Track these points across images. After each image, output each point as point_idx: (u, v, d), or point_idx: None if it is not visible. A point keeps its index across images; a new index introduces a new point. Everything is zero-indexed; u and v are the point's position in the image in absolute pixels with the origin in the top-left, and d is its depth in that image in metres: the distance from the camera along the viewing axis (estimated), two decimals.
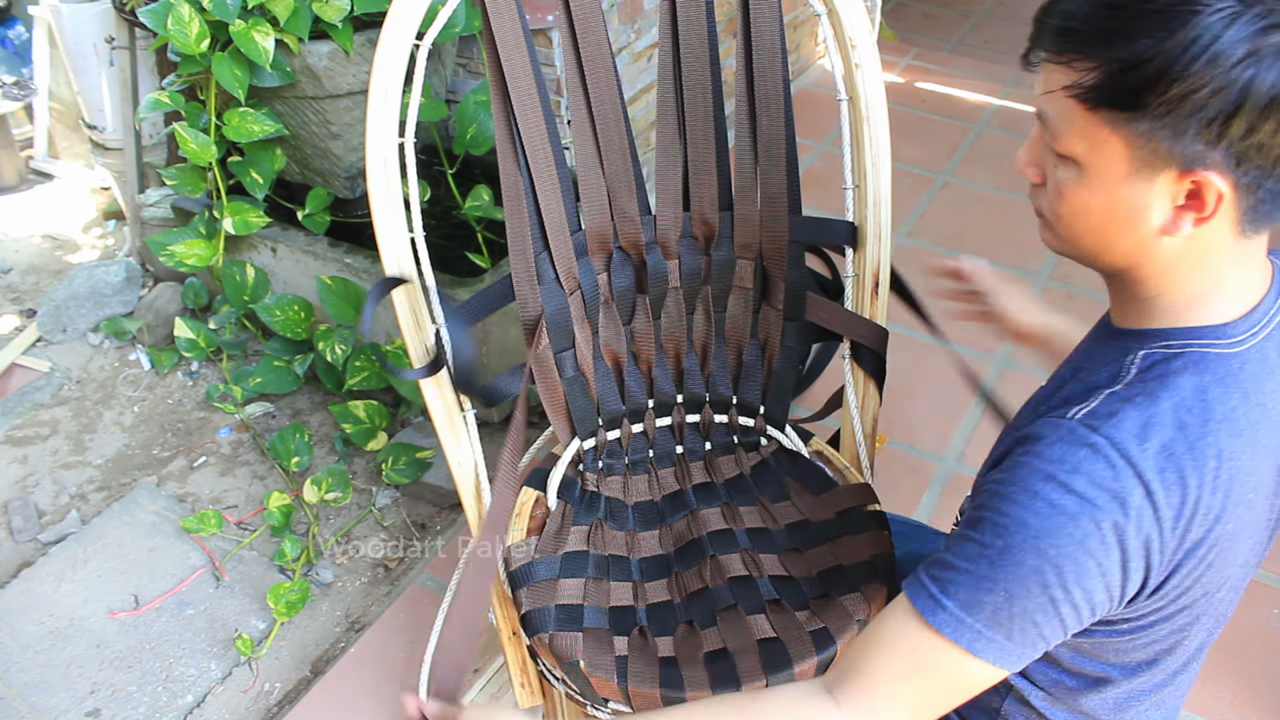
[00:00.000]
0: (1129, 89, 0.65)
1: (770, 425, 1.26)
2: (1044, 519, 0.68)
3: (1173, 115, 0.64)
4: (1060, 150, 0.71)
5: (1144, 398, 0.70)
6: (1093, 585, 0.69)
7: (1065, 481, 0.68)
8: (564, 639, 1.00)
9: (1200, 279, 0.72)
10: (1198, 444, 0.69)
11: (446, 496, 1.87)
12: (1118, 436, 0.69)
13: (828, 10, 1.13)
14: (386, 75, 1.01)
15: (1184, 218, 0.68)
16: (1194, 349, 0.72)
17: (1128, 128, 0.67)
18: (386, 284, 1.07)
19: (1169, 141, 0.66)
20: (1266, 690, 1.54)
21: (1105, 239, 0.73)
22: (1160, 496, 0.68)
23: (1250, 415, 0.71)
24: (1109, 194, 0.70)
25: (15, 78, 2.79)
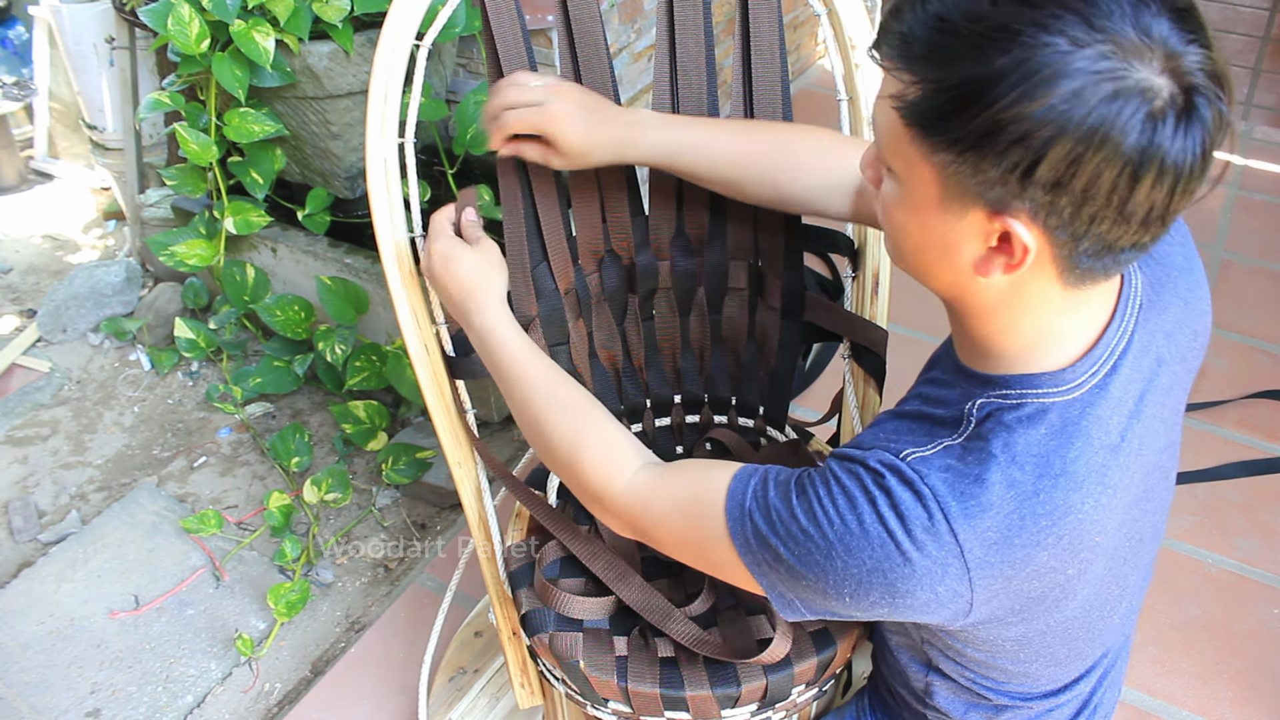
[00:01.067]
0: (936, 113, 0.60)
1: (770, 425, 1.26)
2: (848, 533, 0.68)
3: (975, 151, 0.59)
4: (886, 162, 0.67)
5: (976, 454, 0.68)
6: (872, 607, 0.70)
7: (881, 512, 0.67)
8: (564, 639, 1.00)
9: (1029, 326, 0.69)
10: (1027, 503, 0.67)
11: (446, 496, 1.87)
12: (943, 495, 0.67)
13: (827, 10, 1.13)
14: (386, 75, 1.01)
15: (995, 261, 0.64)
16: (1030, 400, 0.69)
17: (934, 156, 0.61)
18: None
19: (970, 178, 0.60)
20: (1266, 690, 1.54)
21: (924, 263, 0.69)
22: (974, 557, 0.67)
23: (1094, 460, 0.69)
24: (921, 219, 0.66)
25: (15, 78, 2.79)
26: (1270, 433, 1.98)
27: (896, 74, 0.62)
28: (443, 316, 1.11)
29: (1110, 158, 0.56)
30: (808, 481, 0.72)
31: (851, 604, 0.70)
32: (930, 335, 2.09)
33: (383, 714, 1.52)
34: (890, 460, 0.69)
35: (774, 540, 0.72)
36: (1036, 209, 0.60)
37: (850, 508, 0.69)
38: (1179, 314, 0.77)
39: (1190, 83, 0.56)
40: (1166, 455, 0.79)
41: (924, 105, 0.60)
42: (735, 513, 0.75)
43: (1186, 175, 0.58)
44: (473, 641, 1.53)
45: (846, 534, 0.68)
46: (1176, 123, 0.56)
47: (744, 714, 0.99)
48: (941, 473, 0.68)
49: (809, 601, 0.73)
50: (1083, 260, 0.63)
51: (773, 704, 0.99)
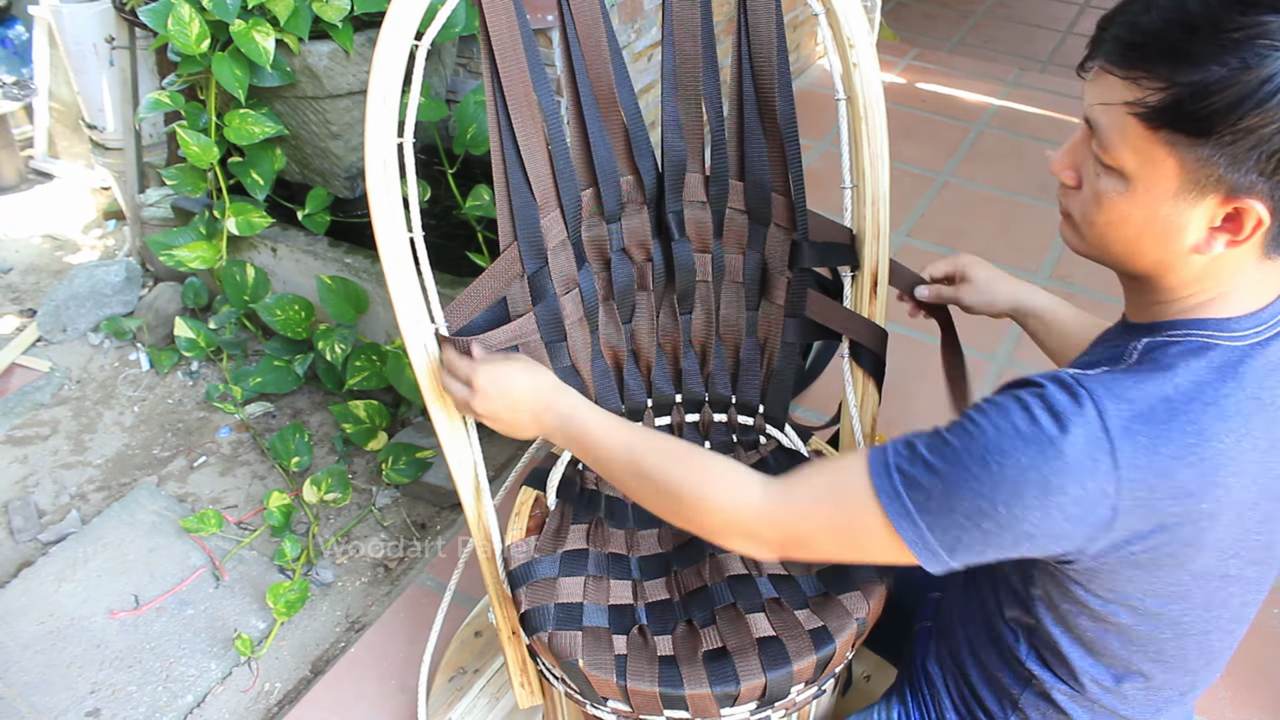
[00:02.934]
0: (1197, 115, 0.66)
1: (769, 424, 1.26)
2: (1001, 435, 0.71)
3: (1236, 145, 0.66)
4: (1108, 161, 0.72)
5: (1135, 373, 0.72)
6: (1025, 513, 0.70)
7: (1034, 411, 0.70)
8: (563, 638, 1.00)
9: (1217, 288, 0.74)
10: (1178, 417, 0.70)
11: (446, 496, 1.87)
12: (1099, 391, 0.70)
13: (825, 10, 1.14)
14: (386, 75, 1.01)
15: (1217, 239, 0.70)
16: (1195, 338, 0.74)
17: (1187, 151, 0.68)
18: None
19: (1225, 169, 0.67)
20: (1266, 690, 1.54)
21: (1136, 249, 0.75)
22: (1124, 455, 0.69)
23: (1243, 405, 0.72)
24: (1150, 209, 0.72)
25: (15, 78, 2.79)
26: None
27: (1133, 81, 0.68)
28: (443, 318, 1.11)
29: None
30: (954, 422, 0.75)
31: (1006, 515, 0.71)
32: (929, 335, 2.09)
33: (383, 714, 1.52)
34: (1054, 375, 0.73)
35: (923, 474, 0.74)
36: (1275, 188, 0.67)
37: (1004, 415, 0.71)
38: None
39: None
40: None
41: (1177, 108, 0.67)
42: (880, 471, 0.76)
43: None
44: (473, 641, 1.53)
45: (1000, 436, 0.71)
46: None
47: (743, 712, 0.99)
48: (1098, 379, 0.71)
49: (961, 532, 0.73)
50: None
51: (771, 702, 0.99)
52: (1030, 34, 3.70)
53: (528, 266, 1.14)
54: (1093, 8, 3.89)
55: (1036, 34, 3.70)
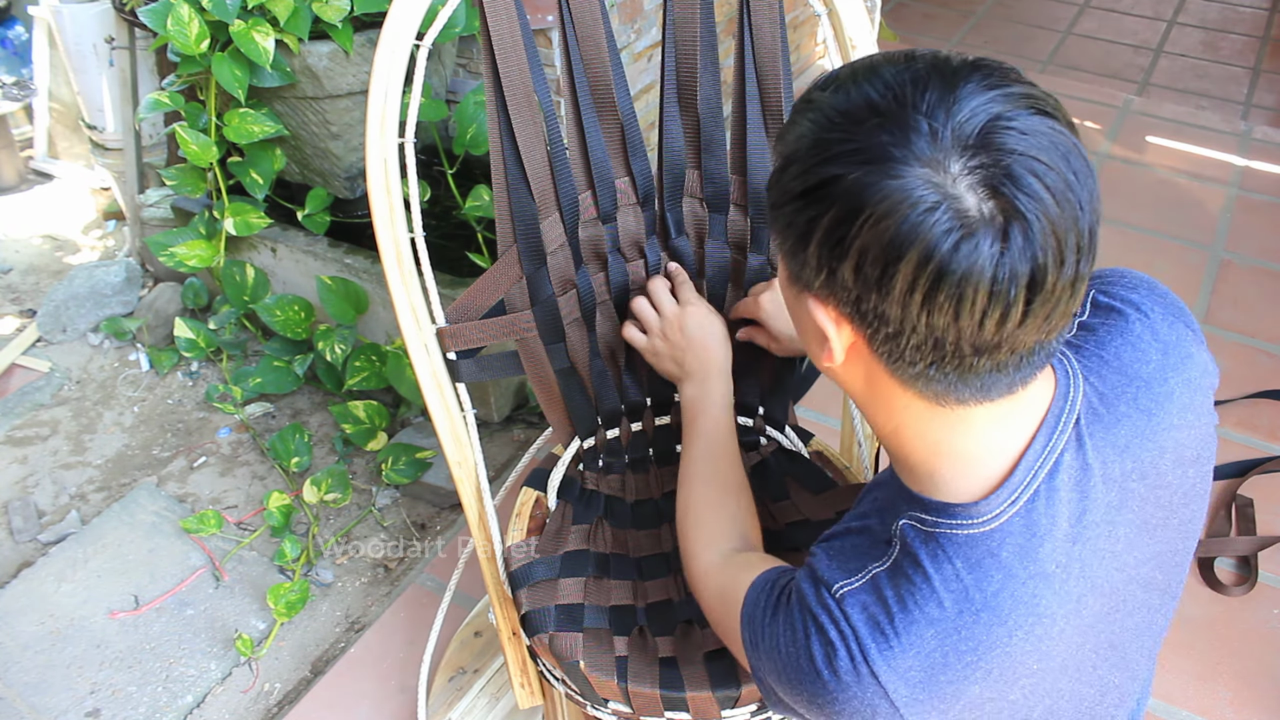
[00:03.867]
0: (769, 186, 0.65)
1: (770, 425, 1.26)
2: (786, 659, 0.72)
3: (779, 231, 0.63)
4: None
5: (899, 587, 0.67)
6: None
7: (810, 647, 0.70)
8: (564, 639, 1.00)
9: (918, 445, 0.68)
10: (949, 639, 0.66)
11: (446, 496, 1.87)
12: (866, 639, 0.67)
13: (828, 10, 1.13)
14: (386, 75, 1.01)
15: (829, 346, 0.65)
16: (944, 530, 0.67)
17: (776, 242, 0.67)
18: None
19: (789, 258, 0.64)
20: (1266, 690, 1.54)
21: (808, 348, 0.71)
22: (903, 697, 0.66)
23: (1019, 592, 0.66)
24: (788, 300, 0.70)
25: (15, 78, 2.79)
26: (1270, 433, 1.98)
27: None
28: (442, 317, 1.11)
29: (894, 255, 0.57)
30: (784, 599, 0.76)
31: (807, 714, 0.74)
32: None
33: (382, 714, 1.51)
34: (823, 598, 0.70)
35: (757, 651, 0.77)
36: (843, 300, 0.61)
37: (790, 641, 0.72)
38: (1137, 428, 0.70)
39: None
40: (1152, 566, 0.74)
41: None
42: (745, 618, 0.79)
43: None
44: (473, 641, 1.53)
45: (788, 666, 0.72)
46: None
47: (744, 714, 0.99)
48: (862, 612, 0.68)
49: (791, 709, 0.76)
50: (930, 373, 0.61)
51: None
52: (1030, 34, 3.70)
53: (526, 268, 1.14)
54: (1093, 8, 3.89)
55: (1036, 34, 3.70)
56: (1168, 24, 3.76)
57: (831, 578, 0.71)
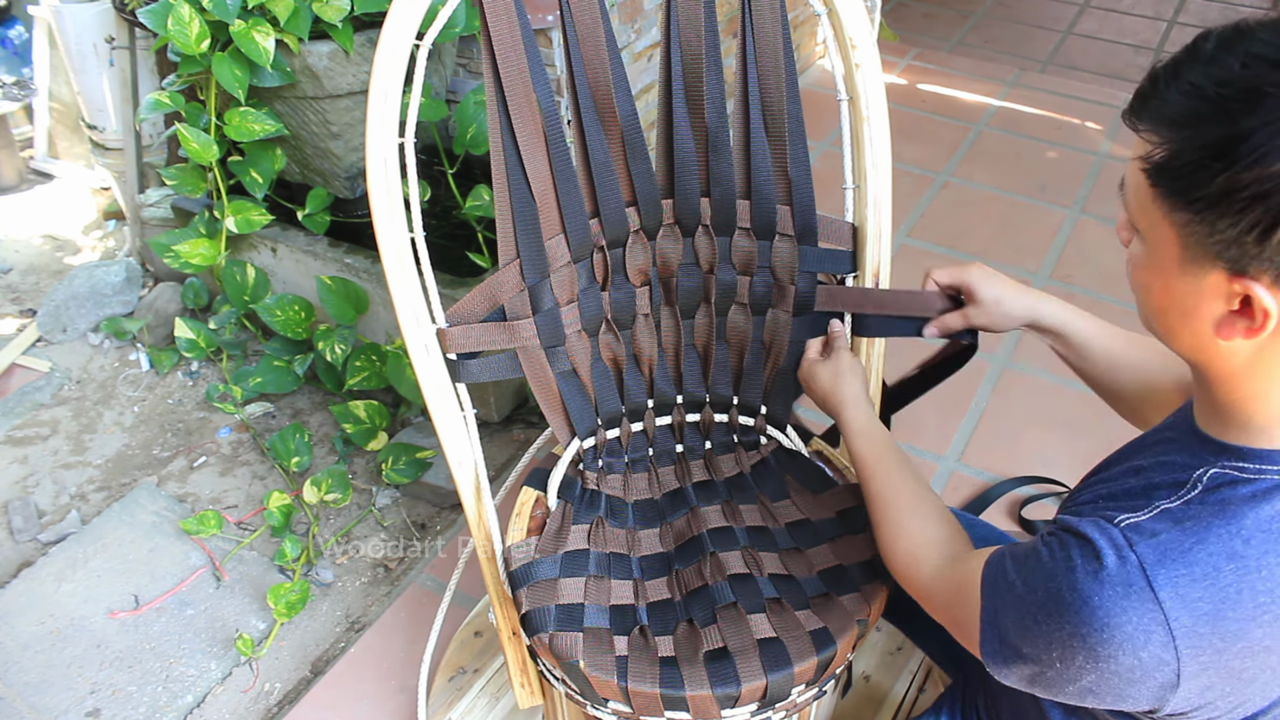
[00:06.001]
0: (1178, 172, 0.62)
1: (771, 424, 1.26)
2: (1050, 596, 0.70)
3: (1212, 210, 0.61)
4: (1134, 223, 0.69)
5: (1196, 522, 0.67)
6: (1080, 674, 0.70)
7: (1079, 576, 0.68)
8: (564, 639, 1.00)
9: (1275, 396, 0.67)
10: (1248, 578, 0.66)
11: (446, 496, 1.87)
12: (1150, 558, 0.66)
13: (828, 10, 1.13)
14: (386, 75, 1.01)
15: (1236, 325, 0.64)
16: (1269, 475, 0.68)
17: (1174, 215, 0.64)
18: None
19: (1207, 238, 0.62)
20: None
21: (1167, 324, 0.70)
22: (1181, 625, 0.66)
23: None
24: (1164, 279, 0.67)
25: (15, 78, 2.79)
26: None
27: (1147, 137, 0.64)
28: (442, 317, 1.11)
29: None
30: (1031, 551, 0.74)
31: (1061, 670, 0.70)
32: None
33: (383, 714, 1.51)
34: (1102, 526, 0.70)
35: (1003, 610, 0.75)
36: (1276, 272, 0.60)
37: (1051, 575, 0.70)
38: None
39: None
40: None
41: (1168, 165, 0.63)
42: (986, 592, 0.78)
43: None
44: (473, 641, 1.53)
45: (1049, 600, 0.69)
46: None
47: (744, 714, 0.99)
48: (1150, 539, 0.67)
49: (1025, 671, 0.74)
50: None
51: (772, 704, 0.99)
52: (1030, 34, 3.70)
53: (528, 278, 1.14)
54: (1093, 8, 3.89)
55: (1036, 34, 3.70)
56: (1168, 24, 3.76)
57: (1111, 514, 0.70)
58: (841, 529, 1.12)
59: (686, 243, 1.24)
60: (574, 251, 1.18)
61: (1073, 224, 2.56)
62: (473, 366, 1.12)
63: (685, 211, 1.23)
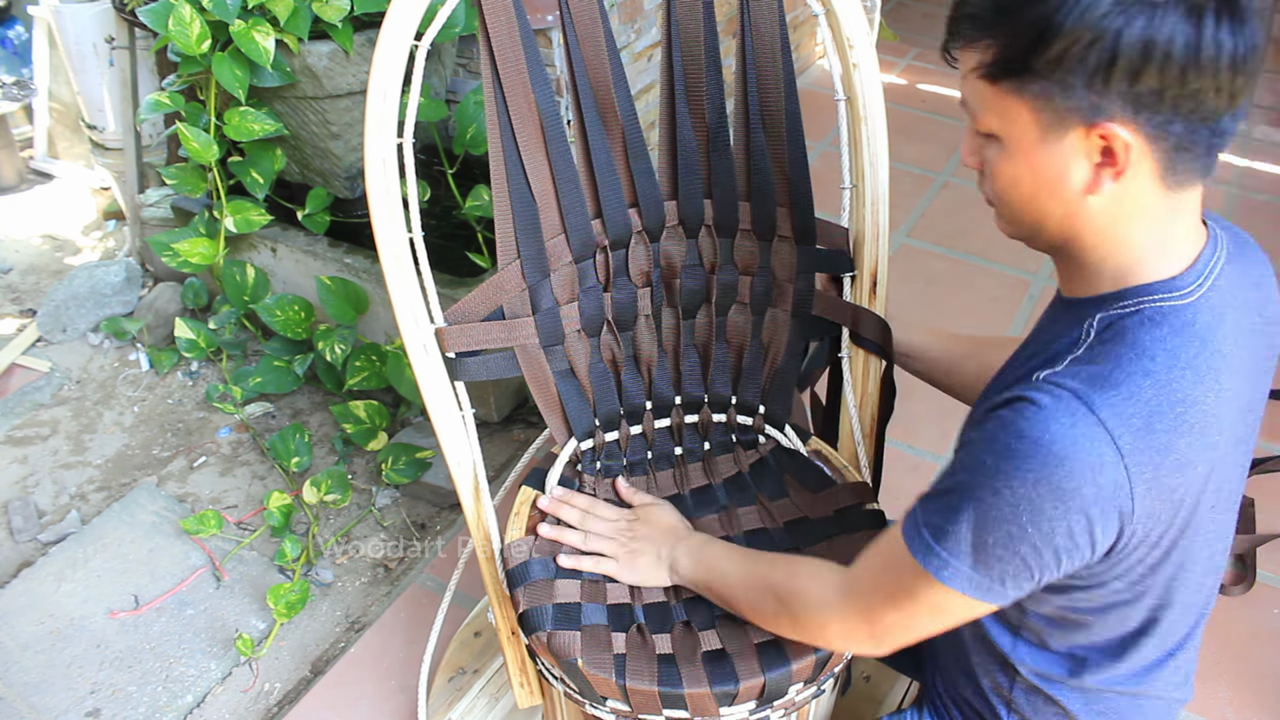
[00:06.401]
0: (1017, 55, 0.69)
1: (769, 424, 1.26)
2: (1000, 458, 0.71)
3: (1059, 71, 0.67)
4: (981, 129, 0.75)
5: (1105, 355, 0.73)
6: (1053, 526, 0.71)
7: (1023, 425, 0.70)
8: (562, 638, 1.00)
9: (1139, 237, 0.74)
10: (1162, 391, 0.71)
11: (446, 496, 1.87)
12: (1080, 388, 0.71)
13: (825, 10, 1.14)
14: (386, 75, 1.01)
15: (1103, 175, 0.70)
16: (1147, 305, 0.74)
17: (1025, 92, 0.70)
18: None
19: (1062, 98, 0.68)
20: (1266, 690, 1.54)
21: (1038, 207, 0.75)
22: (1124, 441, 0.69)
23: (1210, 361, 0.73)
24: (1029, 161, 0.73)
25: (15, 78, 2.79)
26: (1270, 433, 1.98)
27: (972, 48, 0.72)
28: (442, 317, 1.11)
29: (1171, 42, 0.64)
30: (952, 466, 0.77)
31: (1035, 534, 0.71)
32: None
33: (382, 714, 1.52)
34: (1021, 389, 0.73)
35: (946, 521, 0.75)
36: (1124, 106, 0.67)
37: (998, 436, 0.72)
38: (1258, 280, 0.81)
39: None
40: (1247, 421, 0.81)
41: (1004, 56, 0.70)
42: (911, 533, 0.78)
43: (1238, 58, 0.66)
44: (472, 641, 1.53)
45: (1000, 460, 0.71)
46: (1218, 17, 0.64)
47: (742, 711, 0.99)
48: (1074, 378, 0.72)
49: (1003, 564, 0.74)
50: (1178, 152, 0.69)
51: (770, 701, 0.99)
52: None
53: (529, 278, 1.15)
54: None
55: None
56: None
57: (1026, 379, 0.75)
58: (840, 527, 1.12)
59: (690, 244, 1.24)
60: (575, 251, 1.18)
61: None
62: (471, 365, 1.12)
63: (689, 212, 1.23)
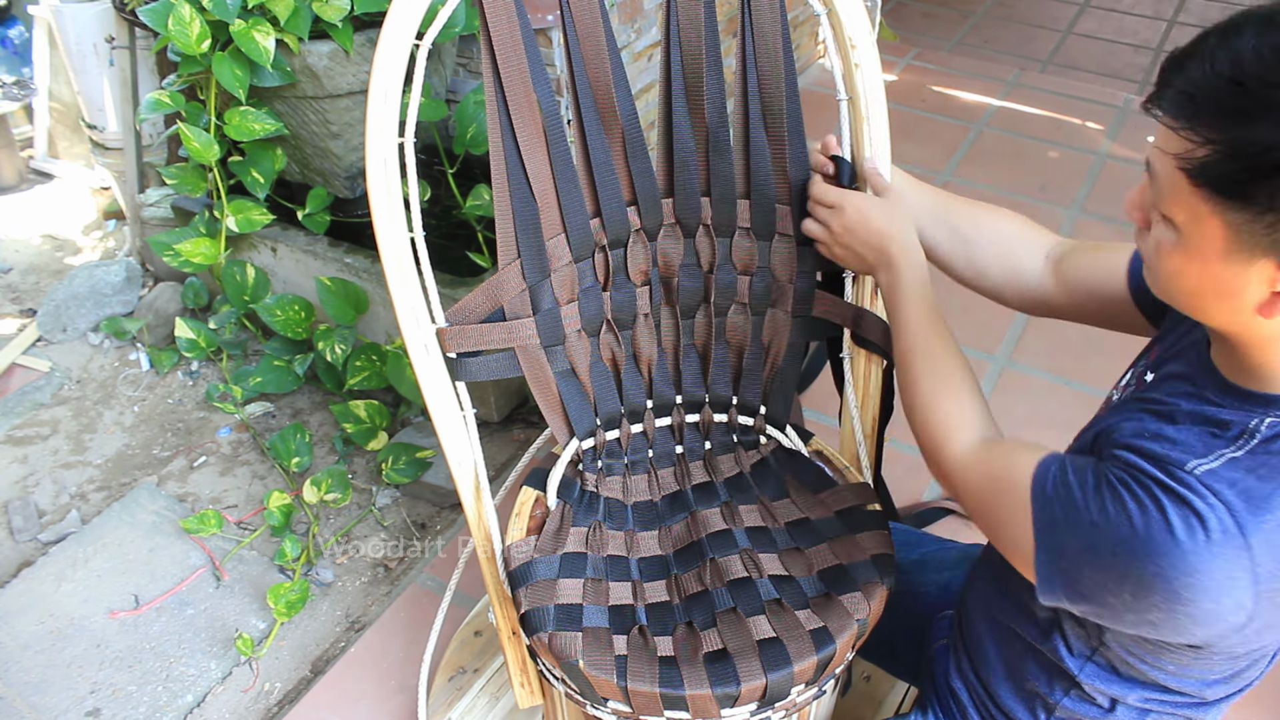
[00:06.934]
0: (1235, 177, 0.62)
1: (770, 424, 1.26)
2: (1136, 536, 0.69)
3: (1271, 210, 0.61)
4: (1163, 211, 0.69)
5: (1269, 471, 0.69)
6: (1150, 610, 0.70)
7: (1171, 520, 0.68)
8: (563, 639, 1.00)
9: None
10: None
11: (446, 496, 1.87)
12: (1237, 504, 0.68)
13: (827, 10, 1.13)
14: (386, 75, 1.01)
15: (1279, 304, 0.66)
16: None
17: (1228, 214, 0.64)
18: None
19: (1264, 235, 0.63)
20: (1267, 690, 1.53)
21: (1200, 304, 0.71)
22: (1264, 568, 0.67)
23: None
24: (1204, 266, 0.68)
25: (15, 78, 2.79)
26: None
27: (1182, 132, 0.63)
28: (442, 317, 1.11)
29: None
30: (1104, 478, 0.74)
31: (1131, 602, 0.71)
32: None
33: (382, 713, 1.52)
34: (1177, 474, 0.70)
35: (1066, 530, 0.74)
36: None
37: (1141, 512, 0.70)
38: None
39: None
40: None
41: (1218, 167, 0.62)
42: (1039, 498, 0.77)
43: None
44: (472, 641, 1.53)
45: (1135, 538, 0.69)
46: None
47: (743, 713, 0.99)
48: (1232, 487, 0.69)
49: (1081, 592, 0.74)
50: None
51: (772, 703, 0.99)
52: (1030, 34, 3.70)
53: (529, 278, 1.14)
54: (1093, 7, 3.89)
55: (1036, 34, 3.70)
56: (1168, 24, 3.76)
57: (1180, 459, 0.71)
58: (841, 528, 1.12)
59: (687, 243, 1.24)
60: (575, 251, 1.18)
61: (1073, 224, 2.56)
62: (472, 365, 1.12)
63: (686, 211, 1.23)
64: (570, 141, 1.16)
